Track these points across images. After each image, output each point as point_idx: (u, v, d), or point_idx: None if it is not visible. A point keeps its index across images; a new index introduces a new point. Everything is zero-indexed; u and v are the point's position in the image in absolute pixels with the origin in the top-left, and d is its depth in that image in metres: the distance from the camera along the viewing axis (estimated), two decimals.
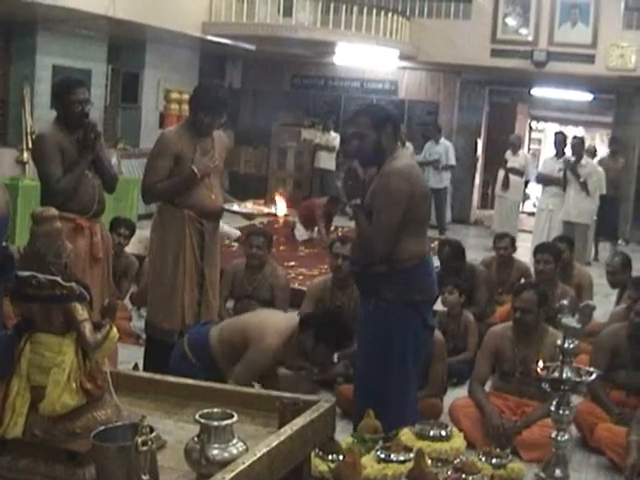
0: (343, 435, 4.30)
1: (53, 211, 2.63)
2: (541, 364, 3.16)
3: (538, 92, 19.42)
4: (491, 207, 16.01)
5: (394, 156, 4.91)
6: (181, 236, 5.63)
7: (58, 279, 2.55)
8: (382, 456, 3.44)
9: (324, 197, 13.76)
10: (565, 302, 3.13)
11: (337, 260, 6.86)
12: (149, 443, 2.25)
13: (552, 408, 3.17)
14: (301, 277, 9.90)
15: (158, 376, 3.47)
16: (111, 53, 15.19)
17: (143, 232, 9.29)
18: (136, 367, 5.78)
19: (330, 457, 3.47)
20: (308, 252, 12.22)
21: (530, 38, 16.56)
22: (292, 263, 10.85)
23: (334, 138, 17.31)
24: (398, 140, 5.05)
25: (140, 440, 2.24)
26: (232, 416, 2.62)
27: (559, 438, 3.17)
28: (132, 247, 8.78)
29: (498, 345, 5.91)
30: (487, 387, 6.08)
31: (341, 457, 3.46)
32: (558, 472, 3.19)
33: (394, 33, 16.63)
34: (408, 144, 14.16)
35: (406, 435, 3.69)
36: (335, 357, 6.70)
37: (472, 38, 16.45)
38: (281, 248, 12.08)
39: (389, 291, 4.84)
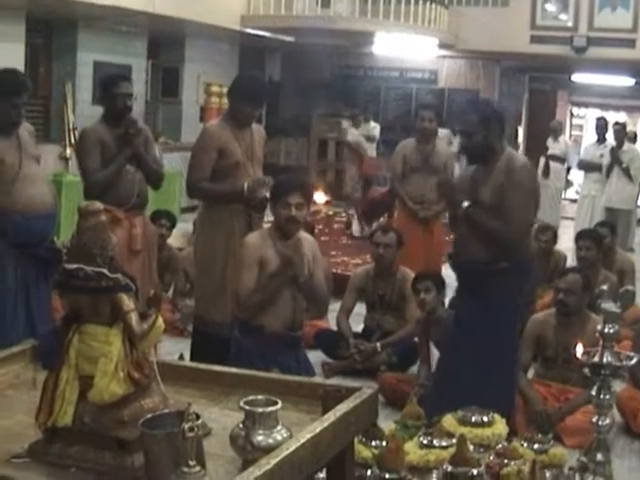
0: (386, 423, 4.34)
1: (98, 205, 2.68)
2: (580, 348, 3.17)
3: (579, 78, 19.28)
4: None
5: (510, 152, 5.06)
6: (229, 229, 5.68)
7: (104, 271, 2.59)
8: (424, 442, 3.47)
9: (383, 189, 13.52)
10: (605, 287, 3.15)
11: (379, 249, 6.89)
12: (195, 429, 2.29)
13: (593, 393, 3.19)
14: (344, 264, 9.93)
15: (203, 365, 3.52)
16: (151, 48, 15.32)
17: (186, 226, 9.38)
18: (181, 357, 5.85)
19: (373, 443, 3.52)
20: (353, 242, 12.22)
21: (570, 24, 16.46)
22: (334, 252, 10.90)
23: (374, 128, 17.28)
24: (504, 136, 5.12)
25: (187, 427, 2.28)
26: (276, 403, 2.66)
27: (600, 422, 3.19)
28: (174, 240, 8.88)
29: (540, 332, 5.91)
30: (530, 374, 6.10)
31: (384, 443, 3.50)
32: (599, 457, 3.20)
33: (432, 22, 16.59)
34: (445, 131, 14.03)
35: (448, 421, 3.72)
36: (378, 346, 6.75)
37: (511, 25, 16.37)
38: (322, 239, 12.14)
39: (510, 284, 5.00)
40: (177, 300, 7.78)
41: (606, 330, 3.18)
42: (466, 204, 4.97)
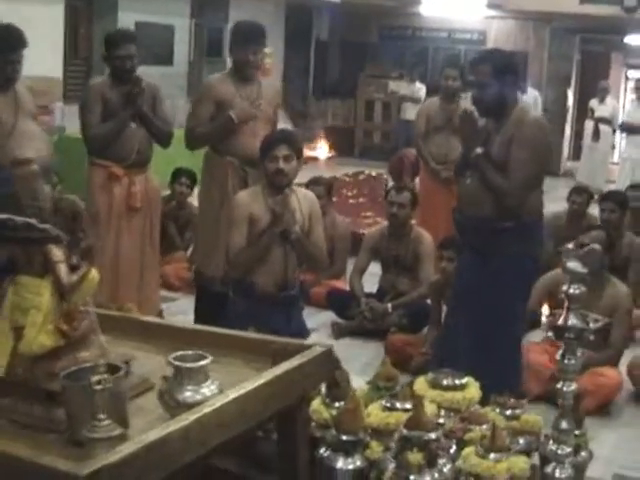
0: None
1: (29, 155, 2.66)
2: (545, 310, 3.06)
3: (632, 40, 18.79)
4: None
5: (522, 106, 4.82)
6: (224, 183, 5.65)
7: (32, 221, 2.56)
8: (387, 404, 3.39)
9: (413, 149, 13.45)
10: (570, 246, 3.02)
11: (392, 208, 6.78)
12: (103, 383, 2.26)
13: (557, 357, 3.08)
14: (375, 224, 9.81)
15: (165, 322, 3.52)
16: (194, 8, 15.26)
17: None
18: (160, 314, 5.95)
19: (337, 405, 3.43)
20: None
21: None
22: (369, 213, 10.78)
23: (419, 89, 17.07)
24: (517, 89, 4.90)
25: (94, 380, 2.26)
26: (206, 358, 2.61)
27: (565, 389, 3.07)
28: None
29: (553, 289, 5.71)
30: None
31: None
32: (564, 424, 3.09)
33: None
34: None
35: (420, 384, 3.63)
36: (389, 307, 6.66)
37: None
38: (360, 200, 12.05)
39: (515, 246, 4.73)
40: (194, 258, 7.76)
41: (571, 291, 3.06)
42: (479, 151, 4.73)
